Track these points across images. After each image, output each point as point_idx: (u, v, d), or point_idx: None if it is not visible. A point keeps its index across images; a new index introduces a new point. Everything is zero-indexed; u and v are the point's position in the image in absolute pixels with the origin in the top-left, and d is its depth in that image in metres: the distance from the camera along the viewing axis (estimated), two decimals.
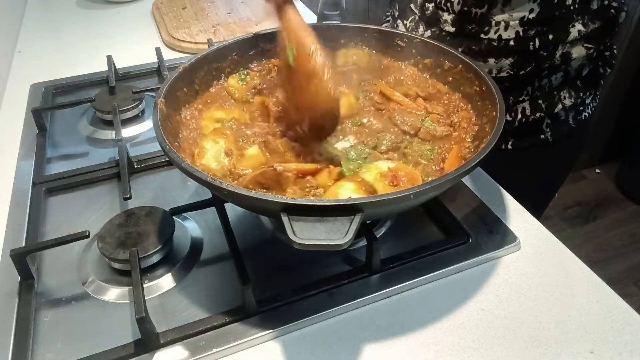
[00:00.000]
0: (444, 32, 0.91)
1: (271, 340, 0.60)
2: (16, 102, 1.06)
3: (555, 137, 0.95)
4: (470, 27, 0.87)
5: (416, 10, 0.97)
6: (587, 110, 0.98)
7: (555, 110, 0.92)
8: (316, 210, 0.50)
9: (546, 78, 0.90)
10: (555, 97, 0.91)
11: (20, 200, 0.79)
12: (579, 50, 0.86)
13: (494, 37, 0.86)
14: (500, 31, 0.85)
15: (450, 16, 0.89)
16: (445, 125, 0.72)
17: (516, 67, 0.87)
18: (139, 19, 1.45)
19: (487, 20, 0.86)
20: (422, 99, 0.76)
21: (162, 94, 0.69)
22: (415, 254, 0.68)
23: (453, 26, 0.89)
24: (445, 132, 0.71)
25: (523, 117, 0.92)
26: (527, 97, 0.91)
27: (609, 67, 0.95)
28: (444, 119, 0.73)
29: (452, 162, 0.65)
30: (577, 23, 0.85)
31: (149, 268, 0.68)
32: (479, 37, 0.87)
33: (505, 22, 0.85)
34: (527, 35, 0.85)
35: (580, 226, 2.34)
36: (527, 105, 0.92)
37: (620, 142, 2.52)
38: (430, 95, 0.77)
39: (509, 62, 0.87)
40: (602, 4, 0.86)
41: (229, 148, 0.67)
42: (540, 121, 0.94)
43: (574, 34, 0.85)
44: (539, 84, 0.90)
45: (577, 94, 0.92)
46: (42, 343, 0.60)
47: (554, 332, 0.60)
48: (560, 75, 0.90)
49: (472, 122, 0.71)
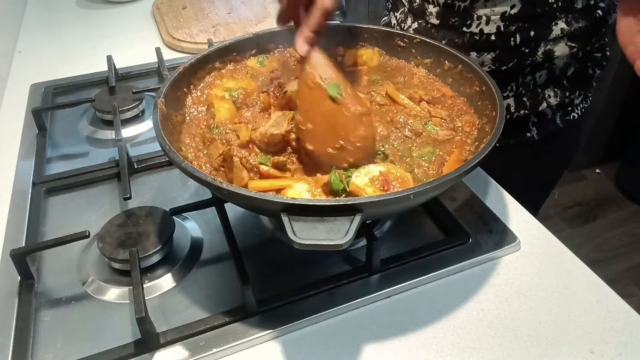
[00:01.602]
0: (429, 25, 0.92)
1: (271, 340, 0.60)
2: (16, 102, 1.06)
3: (542, 136, 0.95)
4: (454, 20, 0.88)
5: (405, 3, 0.99)
6: (577, 110, 0.98)
7: (540, 109, 0.92)
8: (316, 210, 0.50)
9: (530, 75, 0.90)
10: (539, 95, 0.92)
11: (20, 200, 0.79)
12: (562, 49, 0.87)
13: (475, 31, 0.87)
14: (482, 25, 0.86)
15: (435, 9, 0.90)
16: (448, 129, 0.71)
17: (498, 61, 0.88)
18: (139, 19, 1.45)
19: (470, 14, 0.86)
20: (425, 102, 0.76)
21: (162, 94, 0.69)
22: (415, 254, 0.68)
23: (437, 19, 0.90)
24: (448, 136, 0.70)
25: (507, 113, 0.92)
26: (511, 93, 0.92)
27: (599, 68, 0.95)
28: (447, 122, 0.72)
29: (451, 165, 0.65)
30: (560, 21, 0.85)
31: (149, 268, 0.68)
32: (461, 31, 0.88)
33: (486, 17, 0.85)
34: (509, 31, 0.85)
35: (580, 226, 2.34)
36: (512, 102, 0.92)
37: (620, 142, 2.52)
38: (435, 99, 0.77)
39: (490, 57, 0.88)
40: (587, 4, 0.86)
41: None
42: (525, 119, 0.94)
43: (556, 32, 0.85)
44: (522, 80, 0.91)
45: (563, 93, 0.92)
46: (42, 343, 0.60)
47: (554, 332, 0.60)
48: (545, 73, 0.90)
49: (476, 126, 0.71)
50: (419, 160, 0.67)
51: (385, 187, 0.59)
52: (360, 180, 0.60)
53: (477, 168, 0.58)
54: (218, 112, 0.73)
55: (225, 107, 0.74)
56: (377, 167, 0.63)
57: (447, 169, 0.65)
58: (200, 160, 0.67)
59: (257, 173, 0.63)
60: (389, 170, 0.62)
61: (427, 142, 0.70)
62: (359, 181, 0.60)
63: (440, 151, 0.68)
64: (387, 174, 0.61)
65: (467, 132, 0.71)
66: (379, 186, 0.60)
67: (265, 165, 0.64)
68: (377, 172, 0.61)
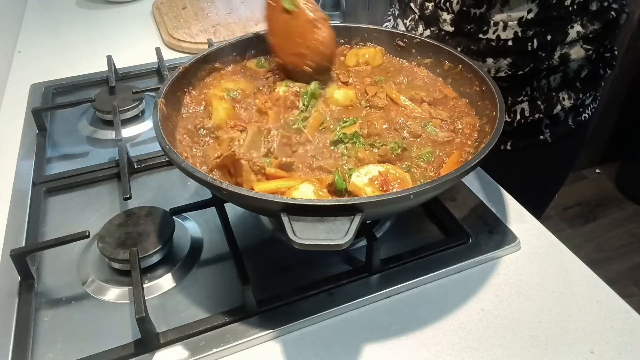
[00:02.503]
0: (443, 32, 0.91)
1: (271, 340, 0.60)
2: (16, 102, 1.06)
3: (554, 138, 0.95)
4: (469, 27, 0.88)
5: (416, 10, 0.98)
6: (587, 111, 0.98)
7: (555, 112, 0.92)
8: (316, 210, 0.50)
9: (545, 79, 0.90)
10: (554, 98, 0.91)
11: (20, 200, 0.79)
12: (577, 52, 0.86)
13: (492, 37, 0.86)
14: (499, 31, 0.86)
15: (450, 16, 0.90)
16: (448, 131, 0.71)
17: (514, 67, 0.87)
18: (139, 19, 1.45)
19: (486, 21, 0.86)
20: (427, 104, 0.76)
21: (162, 94, 0.69)
22: (415, 254, 0.68)
23: (452, 26, 0.90)
24: (447, 138, 0.70)
25: (522, 118, 0.92)
26: (525, 97, 0.91)
27: (609, 68, 0.95)
28: (447, 124, 0.72)
29: (449, 166, 0.65)
30: (575, 24, 0.85)
31: (149, 268, 0.68)
32: (477, 37, 0.87)
33: (503, 23, 0.85)
34: (526, 36, 0.85)
35: (580, 226, 2.34)
36: (526, 106, 0.92)
37: (620, 142, 2.52)
38: (436, 100, 0.77)
39: (507, 63, 0.87)
40: (601, 6, 0.86)
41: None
42: (539, 122, 0.93)
43: (572, 35, 0.85)
44: (537, 84, 0.90)
45: (576, 95, 0.92)
46: (42, 343, 0.60)
47: (554, 332, 0.60)
48: (559, 76, 0.90)
49: (476, 128, 0.71)
50: (417, 161, 0.67)
51: (385, 187, 0.59)
52: (360, 180, 0.61)
53: (477, 168, 0.58)
54: (216, 111, 0.73)
55: (224, 107, 0.74)
56: (376, 167, 0.63)
57: (445, 170, 0.65)
58: (196, 160, 0.66)
59: (264, 175, 0.63)
60: (387, 170, 0.62)
61: (427, 143, 0.70)
62: (358, 181, 0.60)
63: (440, 152, 0.68)
64: (386, 174, 0.61)
65: (467, 134, 0.71)
66: (378, 186, 0.60)
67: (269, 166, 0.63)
68: (377, 172, 0.61)
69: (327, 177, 0.62)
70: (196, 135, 0.70)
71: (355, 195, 0.59)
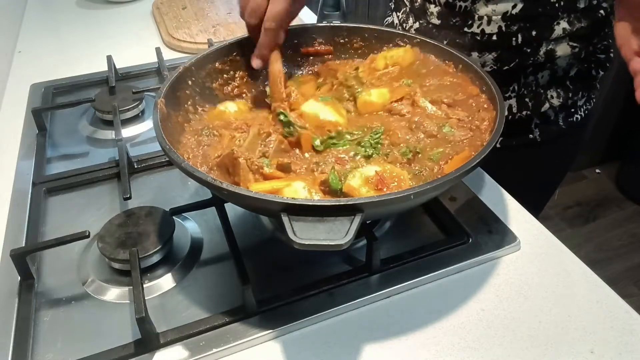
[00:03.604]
0: (431, 25, 0.92)
1: (271, 340, 0.60)
2: (16, 102, 1.06)
3: (544, 137, 0.95)
4: (455, 20, 0.88)
5: (407, 2, 0.98)
6: (580, 112, 0.97)
7: (543, 110, 0.92)
8: (316, 210, 0.50)
9: (532, 75, 0.90)
10: (542, 96, 0.91)
11: (20, 200, 0.79)
12: (563, 49, 0.86)
13: (477, 31, 0.87)
14: (483, 25, 0.86)
15: (437, 8, 0.90)
16: (466, 129, 0.69)
17: (499, 62, 0.87)
18: (139, 19, 1.45)
19: (471, 14, 0.86)
20: (445, 105, 0.73)
21: (162, 94, 0.69)
22: (415, 254, 0.68)
23: (438, 19, 0.90)
24: (465, 137, 0.68)
25: (509, 114, 0.92)
26: (513, 94, 0.91)
27: (602, 69, 0.95)
28: (466, 123, 0.70)
29: (456, 163, 0.64)
30: (562, 21, 0.84)
31: (149, 268, 0.68)
32: (462, 31, 0.88)
33: (488, 17, 0.85)
34: (510, 31, 0.85)
35: (580, 226, 2.34)
36: (514, 103, 0.92)
37: (620, 142, 2.52)
38: (456, 101, 0.73)
39: (492, 57, 0.87)
40: (590, 4, 0.86)
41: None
42: (528, 120, 0.94)
43: (558, 32, 0.85)
44: (524, 80, 0.90)
45: (566, 94, 0.92)
46: (42, 343, 0.60)
47: (554, 332, 0.60)
48: (547, 73, 0.90)
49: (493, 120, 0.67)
50: (426, 162, 0.65)
51: (380, 187, 0.59)
52: (355, 181, 0.60)
53: (477, 168, 0.58)
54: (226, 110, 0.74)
55: (232, 105, 0.75)
56: (372, 167, 0.62)
57: (450, 166, 0.64)
58: (197, 160, 0.66)
59: (262, 175, 0.63)
60: (384, 170, 0.61)
61: (443, 143, 0.67)
62: (353, 182, 0.60)
63: (451, 151, 0.66)
64: (383, 174, 0.61)
65: (482, 130, 0.68)
66: (374, 186, 0.59)
67: (268, 167, 0.63)
68: (373, 172, 0.61)
69: (320, 175, 0.62)
70: (200, 135, 0.70)
71: (350, 196, 0.58)
